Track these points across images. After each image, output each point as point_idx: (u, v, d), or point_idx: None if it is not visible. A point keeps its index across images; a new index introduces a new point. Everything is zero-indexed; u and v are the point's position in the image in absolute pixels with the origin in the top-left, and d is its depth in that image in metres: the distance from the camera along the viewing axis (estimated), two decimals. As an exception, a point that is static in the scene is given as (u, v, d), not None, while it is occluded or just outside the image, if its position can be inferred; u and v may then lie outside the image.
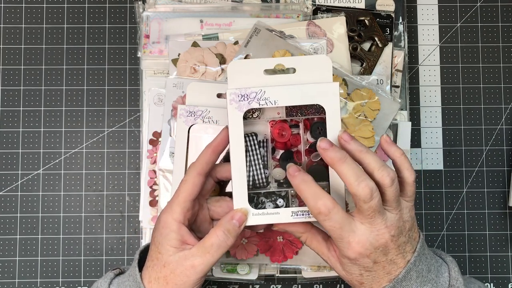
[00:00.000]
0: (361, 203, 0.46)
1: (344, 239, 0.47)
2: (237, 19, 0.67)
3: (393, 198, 0.47)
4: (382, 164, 0.47)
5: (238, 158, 0.49)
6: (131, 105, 0.70)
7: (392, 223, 0.47)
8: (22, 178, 0.69)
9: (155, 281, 0.49)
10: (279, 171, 0.52)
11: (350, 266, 0.49)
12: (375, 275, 0.48)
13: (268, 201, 0.53)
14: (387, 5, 0.68)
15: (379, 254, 0.47)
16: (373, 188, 0.46)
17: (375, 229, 0.47)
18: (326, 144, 0.47)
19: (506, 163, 0.70)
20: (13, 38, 0.70)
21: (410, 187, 0.49)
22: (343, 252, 0.48)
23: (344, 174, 0.46)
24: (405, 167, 0.49)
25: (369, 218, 0.46)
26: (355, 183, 0.46)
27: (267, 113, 0.53)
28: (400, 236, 0.48)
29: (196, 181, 0.50)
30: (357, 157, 0.48)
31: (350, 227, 0.47)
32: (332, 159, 0.47)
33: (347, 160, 0.47)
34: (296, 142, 0.53)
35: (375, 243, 0.47)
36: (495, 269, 0.69)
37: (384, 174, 0.47)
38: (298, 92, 0.49)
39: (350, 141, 0.48)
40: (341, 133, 0.48)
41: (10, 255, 0.68)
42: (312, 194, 0.47)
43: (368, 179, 0.46)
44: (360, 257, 0.47)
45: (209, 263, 0.49)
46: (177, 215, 0.49)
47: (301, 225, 0.51)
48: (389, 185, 0.47)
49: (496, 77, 0.71)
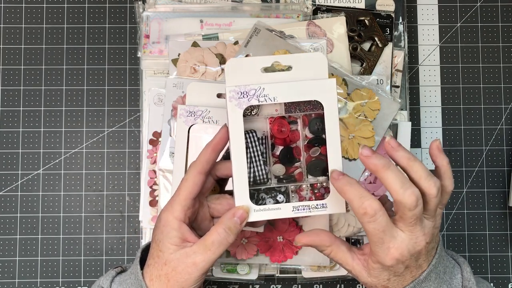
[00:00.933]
0: (406, 211, 0.46)
1: (384, 244, 0.47)
2: (237, 19, 0.67)
3: (434, 208, 0.47)
4: (429, 173, 0.47)
5: (238, 155, 0.49)
6: (131, 105, 0.70)
7: (429, 231, 0.48)
8: (22, 178, 0.69)
9: (156, 279, 0.49)
10: (279, 167, 0.53)
11: (380, 271, 0.48)
12: (401, 279, 0.49)
13: (268, 197, 0.53)
14: (387, 5, 0.68)
15: (413, 260, 0.47)
16: (418, 196, 0.45)
17: (414, 237, 0.47)
18: (368, 151, 0.47)
19: (506, 163, 0.70)
20: (13, 38, 0.70)
21: (447, 195, 0.50)
22: (380, 257, 0.47)
23: (388, 181, 0.46)
24: (448, 176, 0.49)
25: (411, 225, 0.46)
26: (400, 190, 0.45)
27: (265, 110, 0.53)
28: (432, 242, 0.48)
29: (196, 179, 0.50)
30: (404, 164, 0.48)
31: (391, 233, 0.47)
32: (376, 165, 0.47)
33: (391, 167, 0.46)
34: (295, 138, 0.53)
35: (412, 250, 0.47)
36: (495, 269, 0.69)
37: (431, 183, 0.46)
38: (297, 89, 0.50)
39: (398, 148, 0.48)
40: (389, 138, 0.48)
41: (10, 255, 0.68)
42: (358, 195, 0.47)
43: (413, 186, 0.46)
44: (396, 263, 0.47)
45: (210, 260, 0.49)
46: (178, 213, 0.49)
47: (326, 238, 0.51)
48: (435, 195, 0.46)
49: (496, 77, 0.71)
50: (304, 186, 0.53)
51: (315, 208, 0.50)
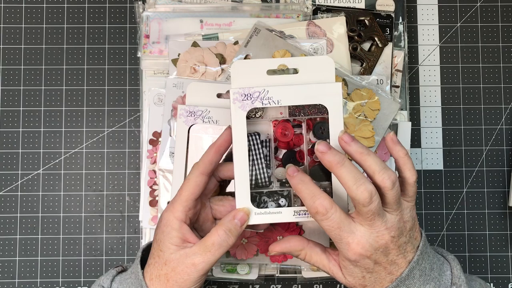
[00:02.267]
0: (360, 207, 0.46)
1: (343, 240, 0.47)
2: (237, 19, 0.67)
3: (393, 201, 0.47)
4: (384, 166, 0.47)
5: (241, 157, 0.49)
6: (131, 105, 0.70)
7: (393, 224, 0.47)
8: (22, 178, 0.69)
9: (156, 278, 0.49)
10: (281, 170, 0.52)
11: (351, 269, 0.48)
12: (377, 277, 0.48)
13: (270, 201, 0.53)
14: (387, 5, 0.68)
15: (380, 255, 0.47)
16: (372, 192, 0.45)
17: (375, 231, 0.47)
18: (324, 147, 0.47)
19: (506, 163, 0.70)
20: (13, 38, 0.70)
21: (411, 187, 0.49)
22: (343, 253, 0.48)
23: (342, 177, 0.46)
24: (407, 168, 0.49)
25: (369, 220, 0.46)
26: (353, 187, 0.45)
27: (269, 113, 0.53)
28: (401, 236, 0.48)
29: (198, 180, 0.50)
30: (358, 159, 0.47)
31: (349, 228, 0.47)
32: (330, 162, 0.46)
33: (345, 163, 0.46)
34: (299, 142, 0.53)
35: (375, 244, 0.47)
36: (495, 269, 0.69)
37: (385, 177, 0.46)
38: (301, 92, 0.49)
39: (350, 143, 0.48)
40: (341, 134, 0.48)
41: (10, 255, 0.68)
42: (310, 194, 0.47)
43: (367, 182, 0.46)
44: (361, 258, 0.47)
45: (210, 262, 0.49)
46: (179, 213, 0.50)
47: (297, 243, 0.51)
48: (390, 188, 0.46)
49: (496, 77, 0.71)
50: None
51: None
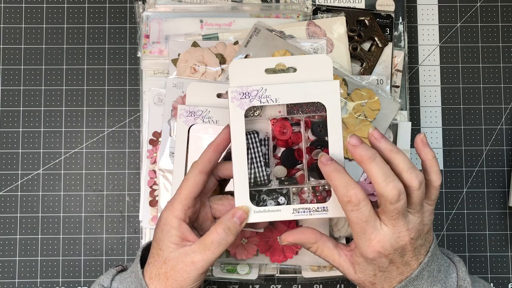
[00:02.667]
0: (387, 204, 0.46)
1: (366, 235, 0.47)
2: (237, 19, 0.67)
3: (418, 201, 0.47)
4: (412, 165, 0.47)
5: (239, 155, 0.49)
6: (131, 105, 0.70)
7: (414, 226, 0.47)
8: (22, 178, 0.69)
9: (155, 277, 0.49)
10: (280, 168, 0.52)
11: (365, 266, 0.48)
12: (388, 275, 0.48)
13: (269, 199, 0.53)
14: (387, 5, 0.68)
15: (397, 255, 0.47)
16: (400, 190, 0.45)
17: (397, 231, 0.46)
18: (356, 140, 0.47)
19: (506, 163, 0.70)
20: (13, 38, 0.70)
21: (435, 190, 0.49)
22: (362, 249, 0.47)
23: (372, 173, 0.46)
24: (434, 170, 0.49)
25: (393, 219, 0.46)
26: (383, 183, 0.45)
27: (268, 111, 0.53)
28: (418, 239, 0.48)
29: (197, 179, 0.50)
30: (387, 156, 0.47)
31: (375, 224, 0.47)
32: (362, 156, 0.46)
33: (377, 159, 0.46)
34: (297, 140, 0.53)
35: (395, 244, 0.47)
36: (495, 269, 0.69)
37: (413, 176, 0.46)
38: (299, 90, 0.49)
39: (380, 139, 0.47)
40: (372, 130, 0.48)
41: (10, 255, 0.68)
42: (344, 183, 0.46)
43: (397, 180, 0.45)
44: (378, 257, 0.47)
45: (209, 260, 0.49)
46: (178, 212, 0.50)
47: (311, 235, 0.51)
48: (417, 187, 0.46)
49: (496, 77, 0.71)
50: (305, 188, 0.53)
51: (315, 211, 0.50)
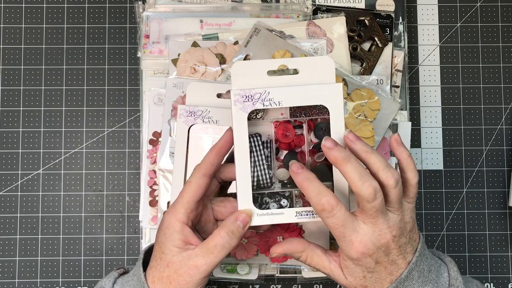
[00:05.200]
0: (364, 203, 0.46)
1: (346, 238, 0.47)
2: (237, 19, 0.67)
3: (396, 199, 0.47)
4: (387, 165, 0.47)
5: (242, 158, 0.49)
6: (131, 105, 0.70)
7: (394, 224, 0.47)
8: (22, 178, 0.69)
9: (158, 280, 0.49)
10: (283, 171, 0.52)
11: (353, 268, 0.49)
12: (377, 277, 0.48)
13: (272, 202, 0.53)
14: (387, 5, 0.68)
15: (381, 254, 0.47)
16: (376, 188, 0.46)
17: (378, 229, 0.47)
18: (331, 143, 0.47)
19: (506, 163, 0.70)
20: (13, 38, 0.70)
21: (412, 188, 0.50)
22: (345, 251, 0.48)
23: (348, 173, 0.46)
24: (410, 169, 0.50)
25: (372, 218, 0.47)
26: (358, 183, 0.46)
27: (270, 114, 0.53)
28: (402, 237, 0.48)
29: (200, 182, 0.50)
30: (362, 157, 0.48)
31: (353, 226, 0.47)
32: (337, 158, 0.47)
33: (351, 159, 0.47)
34: (300, 142, 0.53)
35: (377, 242, 0.47)
36: (495, 269, 0.69)
37: (389, 175, 0.47)
38: (302, 93, 0.49)
39: (356, 141, 0.48)
40: (347, 132, 0.48)
41: (10, 255, 0.68)
42: (316, 191, 0.47)
43: (372, 179, 0.46)
44: (363, 257, 0.47)
45: (212, 264, 0.49)
46: (181, 215, 0.49)
47: (298, 243, 0.51)
48: (393, 186, 0.47)
49: (496, 77, 0.71)
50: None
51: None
